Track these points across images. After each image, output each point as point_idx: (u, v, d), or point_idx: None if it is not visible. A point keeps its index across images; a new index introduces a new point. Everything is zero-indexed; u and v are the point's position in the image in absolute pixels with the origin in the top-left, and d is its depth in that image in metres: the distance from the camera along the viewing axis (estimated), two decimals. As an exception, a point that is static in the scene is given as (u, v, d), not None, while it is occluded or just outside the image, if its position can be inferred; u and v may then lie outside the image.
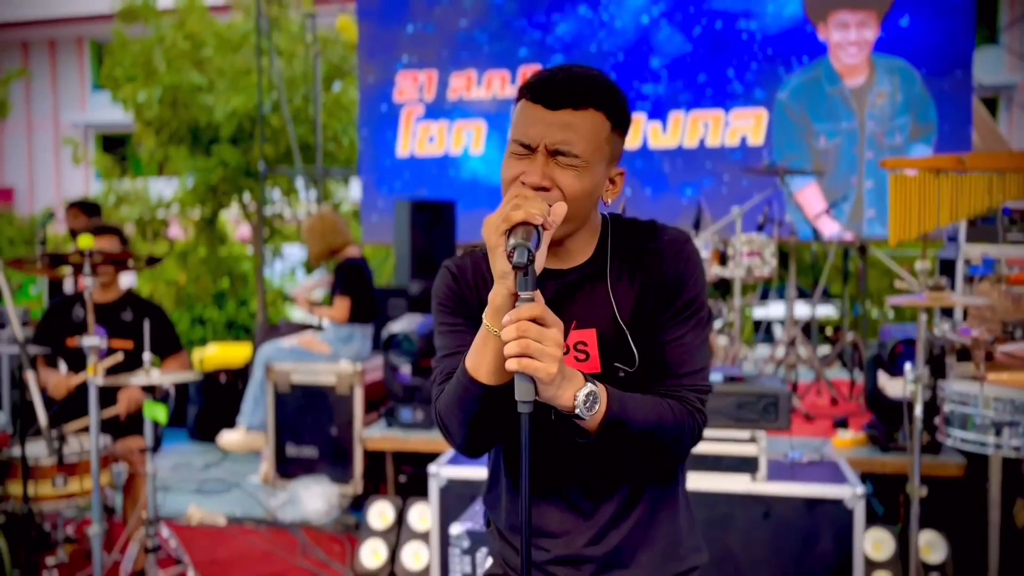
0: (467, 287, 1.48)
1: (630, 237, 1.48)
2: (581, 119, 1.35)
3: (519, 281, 1.22)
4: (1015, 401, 2.62)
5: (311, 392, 4.59)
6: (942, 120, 6.49)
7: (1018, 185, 2.75)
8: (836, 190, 6.62)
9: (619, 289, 1.43)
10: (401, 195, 7.23)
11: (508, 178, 1.38)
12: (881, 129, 6.59)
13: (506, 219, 1.23)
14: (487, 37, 7.26)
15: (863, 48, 6.61)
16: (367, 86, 7.55)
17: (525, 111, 1.38)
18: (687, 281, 1.44)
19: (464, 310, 1.48)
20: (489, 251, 1.26)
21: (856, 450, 3.68)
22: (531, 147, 1.35)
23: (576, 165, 1.35)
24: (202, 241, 10.32)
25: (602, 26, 7.03)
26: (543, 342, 1.20)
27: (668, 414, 1.37)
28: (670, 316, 1.43)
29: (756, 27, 6.76)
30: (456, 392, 1.37)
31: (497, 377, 1.31)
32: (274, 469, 4.68)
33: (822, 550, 3.12)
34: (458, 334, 1.47)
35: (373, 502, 3.85)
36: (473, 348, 1.34)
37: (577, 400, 1.28)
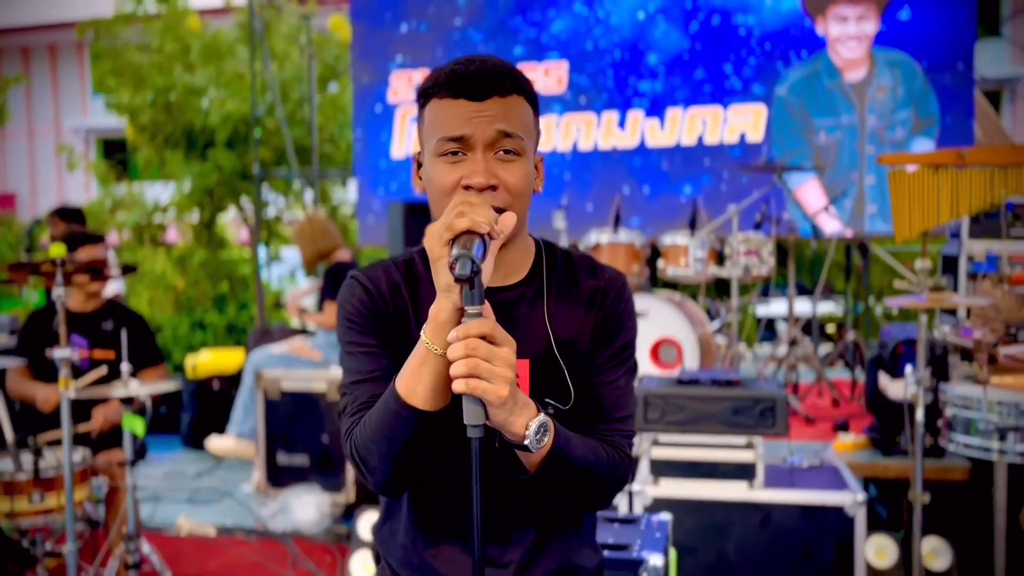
0: (381, 301, 1.36)
1: (567, 266, 1.39)
2: (511, 104, 1.28)
3: (465, 295, 1.12)
4: (1020, 405, 2.52)
5: (302, 399, 4.51)
6: (944, 113, 6.37)
7: (1020, 179, 2.65)
8: (837, 186, 6.51)
9: (557, 319, 1.33)
10: (396, 196, 7.14)
11: (447, 184, 1.26)
12: (882, 123, 6.48)
13: (449, 228, 1.14)
14: (482, 36, 7.17)
15: (863, 42, 6.50)
16: (361, 86, 7.47)
17: (447, 108, 1.27)
18: (626, 324, 1.37)
19: (377, 329, 1.35)
20: (432, 262, 1.17)
21: (857, 454, 3.58)
22: (468, 142, 1.26)
23: (518, 152, 1.27)
24: (200, 245, 10.26)
25: (598, 23, 6.93)
26: (493, 362, 1.11)
27: (603, 456, 1.31)
28: (608, 358, 1.35)
29: (754, 22, 6.66)
30: (382, 420, 1.23)
31: (434, 402, 1.20)
32: (265, 478, 4.60)
33: (822, 558, 3.03)
34: (372, 357, 1.34)
35: (363, 512, 3.77)
36: (407, 370, 1.22)
37: (529, 430, 1.18)
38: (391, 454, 1.24)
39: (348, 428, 1.31)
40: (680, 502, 3.01)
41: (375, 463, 1.26)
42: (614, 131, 6.89)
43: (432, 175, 1.29)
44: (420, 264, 1.40)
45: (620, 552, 2.05)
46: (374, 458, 1.26)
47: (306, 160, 8.77)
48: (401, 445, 1.22)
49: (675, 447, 3.09)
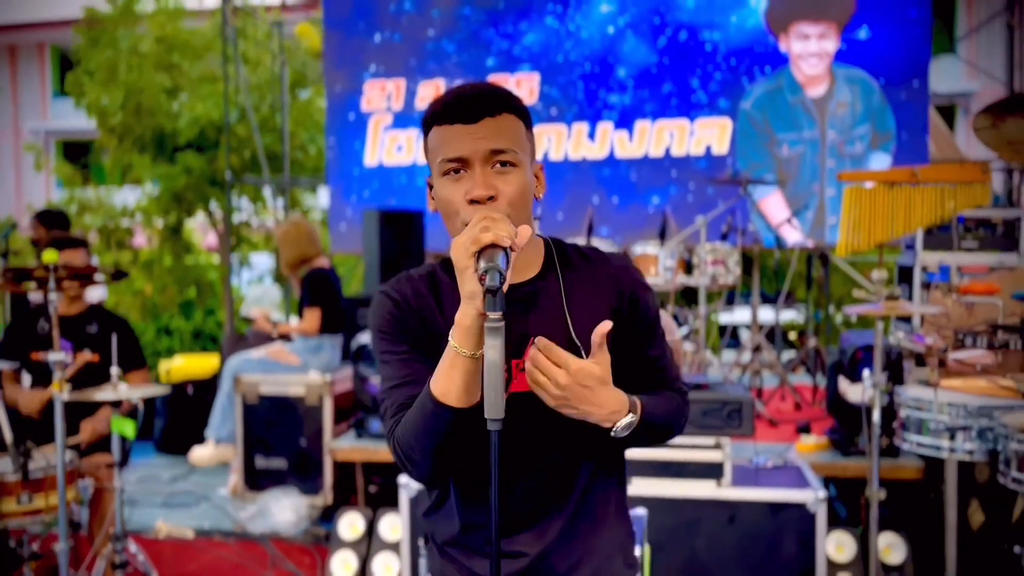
0: (409, 312, 1.48)
1: (577, 259, 1.52)
2: (502, 123, 1.40)
3: (488, 302, 1.24)
4: (967, 406, 2.70)
5: (280, 403, 4.59)
6: (900, 129, 6.63)
7: (969, 195, 2.84)
8: (799, 198, 6.74)
9: (575, 308, 1.46)
10: (369, 204, 7.23)
11: (452, 200, 1.39)
12: (842, 138, 6.72)
13: (475, 241, 1.25)
14: (455, 47, 7.30)
15: (823, 59, 6.74)
16: (334, 95, 7.55)
17: (445, 134, 1.40)
18: (650, 305, 1.52)
19: (407, 336, 1.47)
20: (458, 272, 1.28)
21: (819, 454, 3.76)
22: (467, 161, 1.38)
23: (514, 164, 1.39)
24: (167, 250, 10.24)
25: (569, 36, 7.10)
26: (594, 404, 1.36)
27: (675, 405, 1.55)
28: (646, 340, 1.52)
29: (719, 38, 6.87)
30: (421, 420, 1.36)
31: (467, 399, 1.33)
32: (243, 481, 4.66)
33: (786, 553, 3.19)
34: (405, 363, 1.46)
35: (343, 513, 3.86)
36: (440, 372, 1.34)
37: (617, 427, 1.40)
38: (431, 449, 1.37)
39: (390, 429, 1.44)
40: (651, 500, 3.15)
41: (418, 458, 1.39)
42: (584, 142, 7.06)
43: (440, 195, 1.42)
44: (441, 272, 1.53)
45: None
46: (416, 454, 1.39)
47: (276, 167, 8.82)
48: (440, 440, 1.36)
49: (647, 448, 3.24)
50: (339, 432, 4.58)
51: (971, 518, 3.29)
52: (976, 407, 2.65)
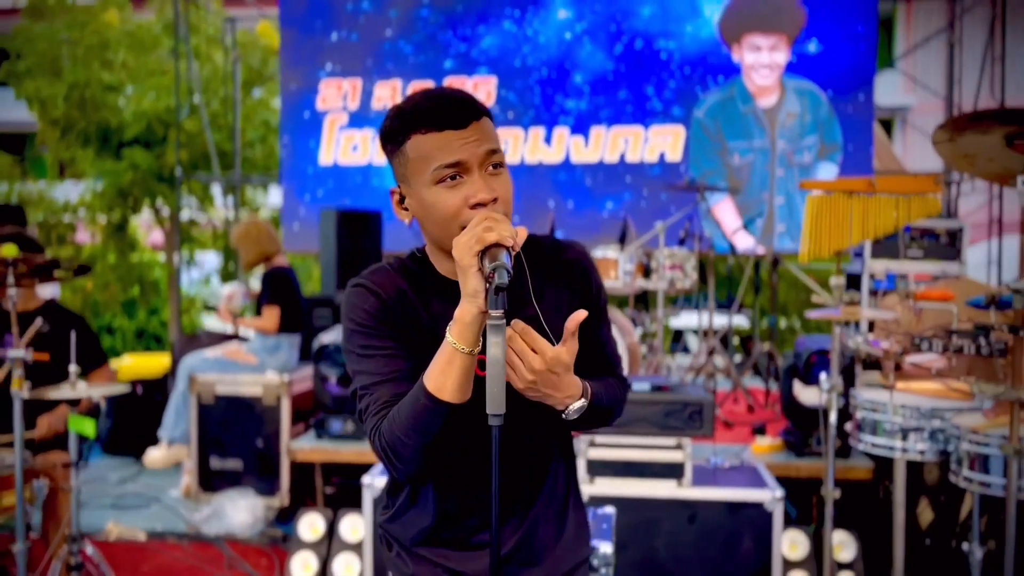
0: (392, 305, 1.47)
1: (538, 249, 1.55)
2: (485, 126, 1.42)
3: (490, 300, 1.26)
4: (920, 408, 2.82)
5: (236, 403, 4.53)
6: (847, 140, 6.84)
7: (922, 206, 2.95)
8: (749, 206, 6.91)
9: (543, 297, 1.50)
10: (324, 204, 7.18)
11: (453, 206, 1.39)
12: (791, 148, 6.91)
13: (480, 240, 1.28)
14: (412, 48, 7.29)
15: (774, 70, 6.92)
16: (289, 93, 7.48)
17: (433, 141, 1.39)
18: (601, 285, 1.60)
19: (391, 331, 1.45)
20: (461, 270, 1.30)
21: (773, 455, 3.86)
22: (465, 166, 1.38)
23: (503, 166, 1.43)
24: (111, 247, 10.00)
25: (526, 41, 7.15)
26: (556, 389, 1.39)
27: (616, 391, 1.59)
28: (597, 319, 1.57)
29: (674, 47, 7.00)
30: (414, 416, 1.35)
31: (462, 395, 1.34)
32: (197, 482, 4.59)
33: (744, 551, 3.28)
34: (389, 358, 1.44)
35: (303, 514, 3.83)
36: (435, 368, 1.34)
37: (569, 409, 1.43)
38: (423, 446, 1.37)
39: (374, 426, 1.42)
40: (614, 500, 3.21)
41: (408, 455, 1.38)
42: (540, 146, 7.12)
43: (432, 202, 1.41)
44: (413, 265, 1.54)
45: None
46: (407, 451, 1.38)
47: (226, 164, 8.69)
48: (433, 437, 1.36)
49: (610, 448, 3.30)
50: (296, 433, 4.54)
51: (920, 516, 3.42)
52: (929, 409, 2.76)
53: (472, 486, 1.51)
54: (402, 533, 1.59)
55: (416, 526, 1.56)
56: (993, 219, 6.86)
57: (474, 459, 1.48)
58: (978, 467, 2.53)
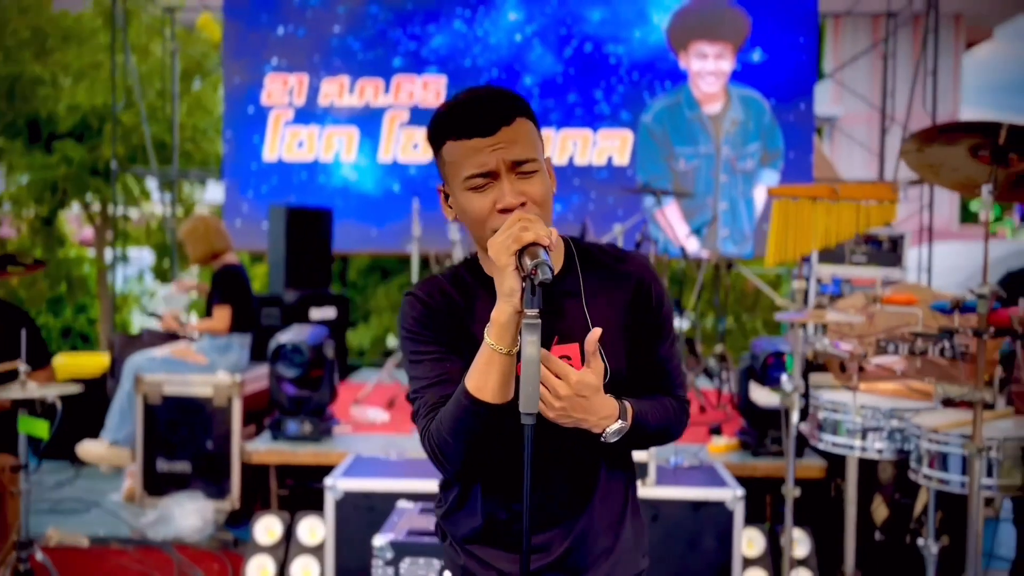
0: (438, 313, 1.50)
1: (596, 257, 1.56)
2: (517, 130, 1.42)
3: (526, 299, 1.27)
4: (879, 408, 2.91)
5: (185, 404, 4.40)
6: (788, 147, 7.03)
7: (880, 213, 3.06)
8: (694, 210, 7.03)
9: (594, 306, 1.50)
10: (268, 200, 7.04)
11: (481, 211, 1.41)
12: (735, 154, 7.06)
13: (517, 240, 1.28)
14: (361, 44, 7.21)
15: (720, 78, 7.06)
16: (233, 87, 7.31)
17: (463, 149, 1.40)
18: (664, 300, 1.56)
19: (438, 336, 1.49)
20: (498, 271, 1.31)
21: (729, 455, 3.94)
22: (492, 173, 1.40)
23: (535, 170, 1.42)
24: (38, 242, 9.61)
25: (477, 41, 7.15)
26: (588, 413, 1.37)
27: (671, 412, 1.55)
28: (656, 335, 1.55)
29: (623, 52, 7.08)
30: (456, 416, 1.38)
31: (502, 395, 1.35)
32: (142, 486, 4.45)
33: (705, 549, 3.34)
34: (437, 362, 1.47)
35: (259, 517, 3.76)
36: (475, 369, 1.36)
37: (607, 432, 1.42)
38: (466, 445, 1.39)
39: (424, 427, 1.45)
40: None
41: (452, 454, 1.41)
42: (440, 140, 7.10)
43: (465, 206, 1.44)
44: (465, 273, 1.55)
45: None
46: (451, 450, 1.41)
47: (164, 158, 8.44)
48: (474, 436, 1.38)
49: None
50: (248, 434, 4.44)
51: (875, 513, 3.54)
52: (888, 409, 2.86)
53: (520, 489, 1.51)
54: (453, 530, 1.60)
55: (466, 526, 1.57)
56: (924, 227, 7.14)
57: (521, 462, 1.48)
58: (937, 465, 2.63)
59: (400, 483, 3.39)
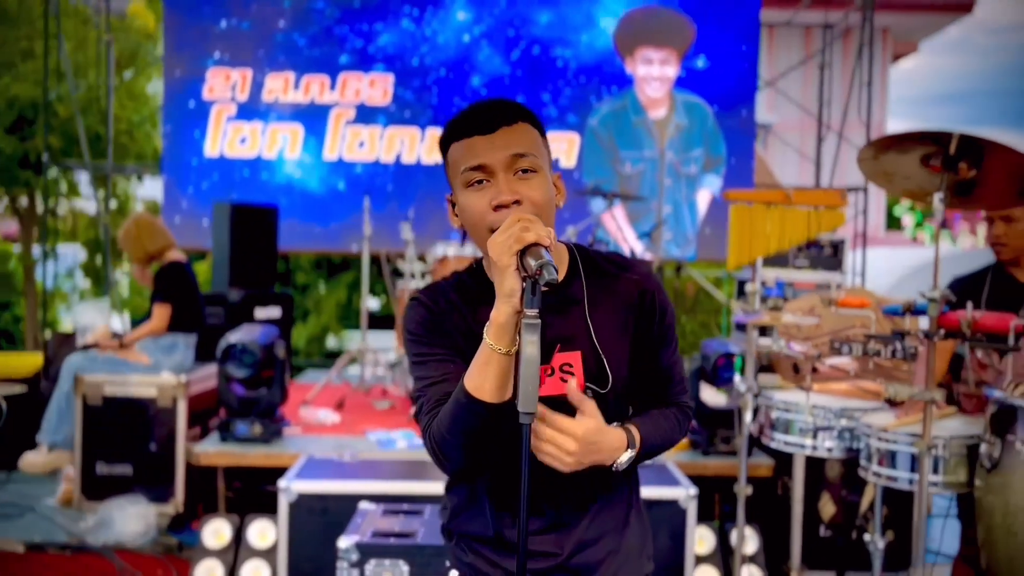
0: (441, 315, 1.51)
1: (600, 265, 1.57)
2: (518, 131, 1.44)
3: (526, 299, 1.27)
4: (832, 408, 3.00)
5: (127, 405, 4.27)
6: (730, 153, 7.19)
7: (830, 219, 3.15)
8: (638, 214, 7.13)
9: (596, 314, 1.50)
10: (209, 197, 6.90)
11: (478, 209, 1.42)
12: (679, 159, 7.19)
13: (519, 240, 1.28)
14: (306, 40, 7.11)
15: (665, 83, 7.18)
16: (173, 80, 7.13)
17: (463, 148, 1.43)
18: (667, 308, 1.58)
19: (440, 339, 1.50)
20: (499, 270, 1.30)
21: (680, 454, 4.00)
22: (489, 169, 1.41)
23: (535, 170, 1.43)
24: (-41, 237, 9.24)
25: (425, 40, 7.12)
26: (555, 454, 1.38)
27: (673, 421, 1.57)
28: (660, 342, 1.56)
29: (571, 55, 7.14)
30: (455, 415, 1.38)
31: (500, 394, 1.35)
32: (80, 490, 4.30)
33: (659, 547, 3.36)
34: (440, 363, 1.49)
35: (208, 520, 3.67)
36: (474, 369, 1.36)
37: (617, 463, 1.44)
38: (464, 444, 1.40)
39: (425, 425, 1.46)
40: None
41: (452, 453, 1.42)
42: (437, 147, 7.08)
43: (464, 205, 1.44)
44: (467, 278, 1.56)
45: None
46: (450, 448, 1.41)
47: (98, 152, 8.18)
48: (472, 434, 1.39)
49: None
50: (193, 436, 4.34)
51: (822, 510, 3.64)
52: (839, 409, 2.95)
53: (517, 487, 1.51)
54: (463, 529, 1.60)
55: (471, 526, 1.58)
56: (858, 233, 7.37)
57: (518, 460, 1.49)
58: (886, 463, 2.72)
59: (356, 485, 3.35)
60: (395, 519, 2.63)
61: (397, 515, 2.69)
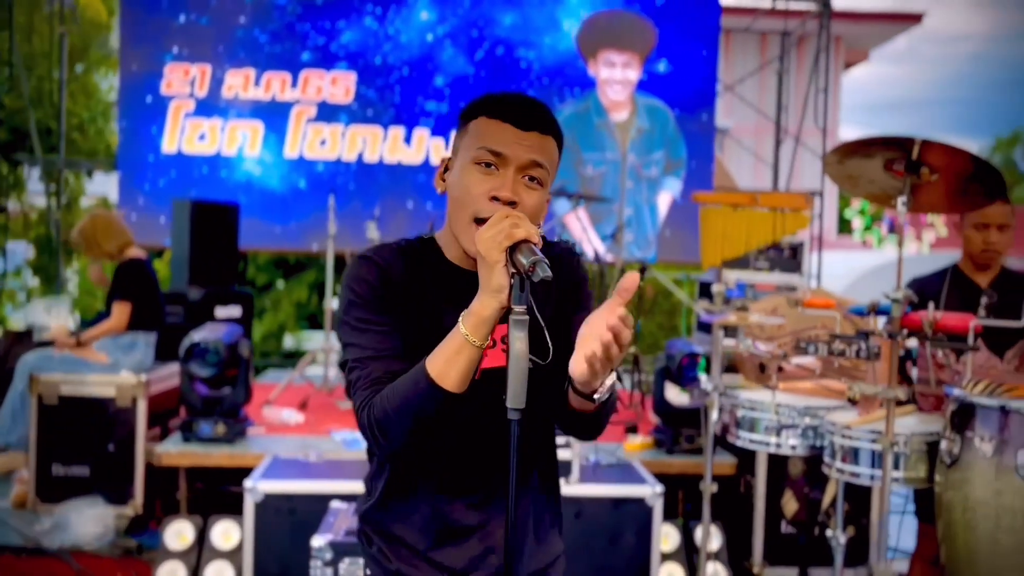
0: (396, 283, 1.46)
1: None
2: (546, 143, 1.44)
3: (514, 295, 1.27)
4: (794, 406, 3.06)
5: (85, 405, 4.18)
6: (691, 157, 7.28)
7: (795, 221, 3.22)
8: (601, 215, 7.18)
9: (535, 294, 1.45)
10: (166, 194, 6.78)
11: (476, 192, 1.40)
12: (640, 161, 7.26)
13: (509, 236, 1.28)
14: (267, 37, 7.04)
15: (627, 86, 7.25)
16: (129, 74, 7.00)
17: (492, 127, 1.41)
18: (586, 281, 1.59)
19: (390, 308, 1.45)
20: (486, 266, 1.30)
21: (644, 453, 4.05)
22: (505, 161, 1.40)
23: (541, 183, 1.43)
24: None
25: (388, 39, 7.09)
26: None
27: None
28: (581, 309, 1.54)
29: (534, 57, 7.17)
30: (409, 397, 1.35)
31: (462, 385, 1.34)
32: (35, 492, 4.20)
33: (625, 544, 3.42)
34: (385, 335, 1.44)
35: (170, 522, 3.61)
36: (441, 355, 1.34)
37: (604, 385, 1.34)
38: (413, 429, 1.36)
39: (364, 400, 1.40)
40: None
41: (396, 434, 1.37)
42: (400, 146, 7.07)
43: (463, 179, 1.42)
44: (420, 247, 1.53)
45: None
46: (396, 429, 1.36)
47: (49, 146, 7.99)
48: (425, 421, 1.35)
49: (502, 447, 3.34)
50: (152, 436, 4.27)
51: (785, 507, 3.71)
52: (803, 407, 3.01)
53: (459, 476, 1.51)
54: (384, 524, 1.55)
55: (399, 516, 1.53)
56: (814, 236, 7.52)
57: (462, 449, 1.49)
58: (849, 459, 2.79)
59: (323, 484, 3.33)
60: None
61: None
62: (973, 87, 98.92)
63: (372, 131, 7.05)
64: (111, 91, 8.84)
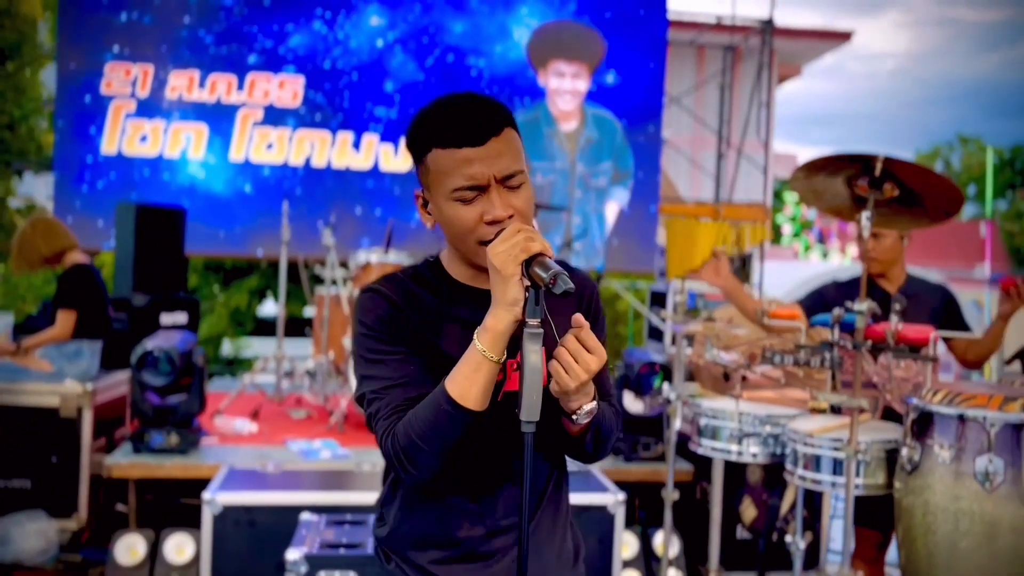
0: (404, 312, 1.47)
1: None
2: (506, 141, 1.41)
3: (529, 308, 1.27)
4: (755, 415, 3.13)
5: (26, 415, 4.02)
6: (638, 168, 7.38)
7: (756, 232, 3.30)
8: (549, 224, 7.23)
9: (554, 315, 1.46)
10: (105, 196, 6.58)
11: (470, 222, 1.39)
12: (588, 171, 7.33)
13: (525, 250, 1.28)
14: (213, 38, 6.90)
15: (576, 97, 7.32)
16: (67, 73, 6.78)
17: (452, 158, 1.38)
18: (602, 317, 1.60)
19: (403, 337, 1.45)
20: (501, 280, 1.29)
21: (604, 461, 4.08)
22: (482, 187, 1.38)
23: (522, 183, 1.42)
24: None
25: (337, 44, 7.02)
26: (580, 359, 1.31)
27: (613, 413, 1.55)
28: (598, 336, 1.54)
29: (484, 65, 7.19)
30: (435, 421, 1.35)
31: (484, 403, 1.34)
32: (-29, 506, 4.02)
33: (587, 552, 3.43)
34: (401, 363, 1.44)
35: (120, 536, 3.50)
36: (460, 374, 1.34)
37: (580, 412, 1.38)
38: (442, 451, 1.36)
39: (386, 430, 1.39)
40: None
41: (424, 460, 1.36)
42: (349, 152, 7.00)
43: (451, 216, 1.41)
44: (427, 271, 1.52)
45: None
46: (423, 456, 1.36)
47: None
48: (453, 441, 1.35)
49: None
50: (98, 447, 4.12)
51: (743, 514, 3.78)
52: (765, 416, 3.08)
53: (477, 495, 1.50)
54: (401, 544, 1.54)
55: (415, 536, 1.53)
56: (756, 247, 7.70)
57: (480, 468, 1.48)
58: (811, 467, 2.86)
59: (283, 496, 3.27)
60: (341, 530, 2.59)
61: (342, 525, 2.64)
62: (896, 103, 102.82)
63: (320, 135, 6.96)
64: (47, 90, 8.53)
